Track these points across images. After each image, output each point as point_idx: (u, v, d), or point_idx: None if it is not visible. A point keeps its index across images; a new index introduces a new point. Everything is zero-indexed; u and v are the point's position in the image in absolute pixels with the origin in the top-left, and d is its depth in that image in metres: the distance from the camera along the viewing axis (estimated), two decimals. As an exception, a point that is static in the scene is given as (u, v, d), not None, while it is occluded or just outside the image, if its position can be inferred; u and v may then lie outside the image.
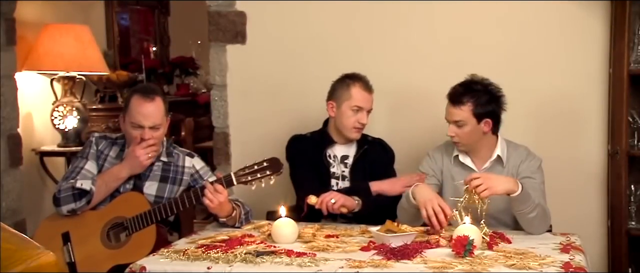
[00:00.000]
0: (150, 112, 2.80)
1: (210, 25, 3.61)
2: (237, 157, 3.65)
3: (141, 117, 2.80)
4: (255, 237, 2.63)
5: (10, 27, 4.05)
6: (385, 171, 3.06)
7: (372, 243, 2.47)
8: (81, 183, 2.78)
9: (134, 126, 2.81)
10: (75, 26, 4.67)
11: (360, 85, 3.01)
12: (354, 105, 2.99)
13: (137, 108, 2.81)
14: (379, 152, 3.10)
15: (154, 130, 2.82)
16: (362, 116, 3.00)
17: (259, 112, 3.64)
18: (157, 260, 2.39)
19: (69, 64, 4.51)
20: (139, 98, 2.83)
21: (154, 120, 2.81)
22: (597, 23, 3.28)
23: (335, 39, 3.56)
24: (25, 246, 0.81)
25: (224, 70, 3.63)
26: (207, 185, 2.68)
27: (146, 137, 2.80)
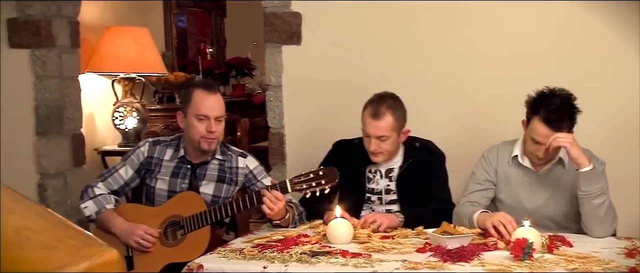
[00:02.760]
0: (216, 104, 2.87)
1: (266, 26, 3.64)
2: (292, 157, 3.67)
3: (207, 108, 2.85)
4: (311, 237, 2.64)
5: (74, 30, 4.17)
6: (435, 176, 2.96)
7: (428, 245, 2.45)
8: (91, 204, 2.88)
9: (199, 118, 2.85)
10: (135, 28, 4.78)
11: (367, 111, 2.85)
12: (363, 130, 2.88)
13: (202, 101, 2.86)
14: (426, 158, 2.97)
15: (218, 123, 2.87)
16: (369, 142, 2.85)
17: (314, 113, 3.65)
18: (214, 258, 2.42)
19: (129, 65, 4.61)
20: (203, 91, 2.89)
21: (220, 111, 2.88)
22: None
23: (390, 39, 3.54)
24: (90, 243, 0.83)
25: (279, 70, 3.65)
26: (265, 192, 2.69)
27: (212, 128, 2.84)
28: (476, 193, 2.81)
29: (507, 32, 3.41)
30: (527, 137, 2.71)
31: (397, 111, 2.84)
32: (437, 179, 2.95)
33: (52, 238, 0.88)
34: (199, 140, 2.87)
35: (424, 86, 3.46)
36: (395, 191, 2.94)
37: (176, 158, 2.95)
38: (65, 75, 4.09)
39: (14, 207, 1.07)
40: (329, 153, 3.04)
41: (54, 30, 3.99)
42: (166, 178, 2.94)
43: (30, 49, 3.96)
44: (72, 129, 4.17)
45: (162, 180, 2.94)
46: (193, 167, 2.95)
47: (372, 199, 2.96)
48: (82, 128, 4.29)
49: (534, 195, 2.77)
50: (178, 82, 5.39)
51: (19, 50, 3.96)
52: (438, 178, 2.95)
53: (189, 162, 2.95)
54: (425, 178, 2.93)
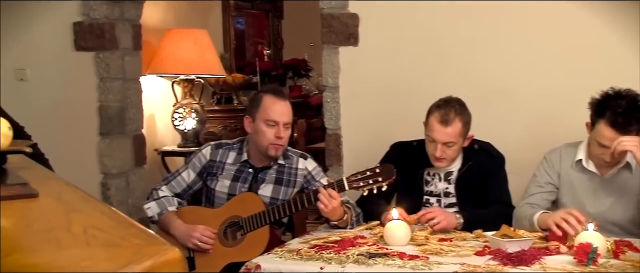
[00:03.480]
0: (285, 110, 2.90)
1: (323, 28, 3.64)
2: (349, 158, 3.67)
3: (277, 114, 2.87)
4: (367, 238, 2.63)
5: (136, 32, 4.26)
6: (494, 178, 2.91)
7: (488, 248, 2.41)
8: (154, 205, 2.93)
9: (269, 124, 2.87)
10: (195, 31, 4.86)
11: (435, 117, 2.80)
12: (429, 135, 2.84)
13: (272, 106, 2.88)
14: (486, 160, 2.92)
15: (286, 129, 2.89)
16: (434, 147, 2.81)
17: (371, 114, 3.64)
18: (272, 259, 2.43)
19: (189, 67, 4.69)
20: (273, 97, 2.91)
21: (288, 117, 2.90)
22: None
23: (448, 40, 3.51)
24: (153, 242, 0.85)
25: (336, 72, 3.65)
26: (321, 190, 2.70)
27: (281, 134, 2.86)
28: (537, 195, 2.75)
29: (568, 32, 3.33)
30: (592, 140, 2.64)
31: (465, 117, 2.81)
32: (496, 182, 2.90)
33: (116, 237, 0.90)
34: (267, 146, 2.89)
35: (483, 87, 3.41)
36: (454, 194, 2.90)
37: (239, 162, 2.98)
38: (127, 77, 4.18)
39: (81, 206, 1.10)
40: (386, 155, 3.03)
41: (117, 33, 4.09)
42: (227, 181, 2.97)
43: (94, 52, 4.06)
44: (133, 130, 4.27)
45: (223, 182, 2.97)
46: (255, 172, 2.98)
47: (430, 202, 2.93)
48: (143, 129, 4.38)
49: (599, 200, 2.70)
50: (236, 84, 5.46)
51: (84, 53, 4.07)
52: (497, 180, 2.90)
53: (252, 166, 2.98)
54: (484, 180, 2.88)
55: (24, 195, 1.12)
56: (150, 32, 4.59)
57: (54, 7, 4.06)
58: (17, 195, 1.12)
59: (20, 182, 1.21)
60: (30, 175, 1.28)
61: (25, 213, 1.07)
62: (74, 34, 4.07)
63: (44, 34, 4.12)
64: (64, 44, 4.08)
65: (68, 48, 4.08)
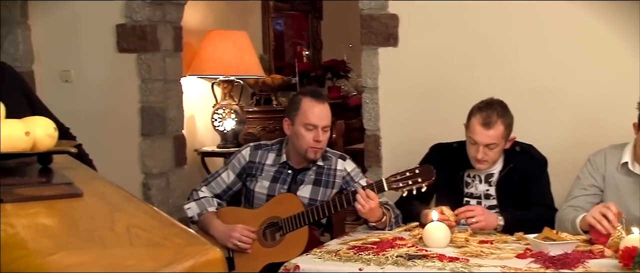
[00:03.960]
0: (324, 114, 2.90)
1: (363, 29, 3.64)
2: (387, 160, 3.65)
3: (316, 118, 2.88)
4: (407, 240, 2.62)
5: (177, 34, 4.32)
6: (536, 181, 2.86)
7: (529, 251, 2.38)
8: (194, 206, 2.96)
9: (307, 128, 2.88)
10: (235, 32, 4.90)
11: (477, 119, 2.76)
12: (471, 137, 2.80)
13: (311, 109, 2.89)
14: (528, 162, 2.87)
15: (325, 132, 2.89)
16: (476, 150, 2.77)
17: (410, 115, 3.62)
18: (310, 259, 2.44)
19: (228, 68, 4.73)
20: (311, 100, 2.91)
21: (327, 121, 2.90)
22: None
23: (489, 40, 3.47)
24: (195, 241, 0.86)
25: (375, 72, 3.64)
26: (359, 191, 2.69)
27: (320, 138, 2.87)
28: (580, 198, 2.71)
29: (613, 32, 3.27)
30: (639, 142, 2.58)
31: (507, 119, 2.77)
32: (538, 184, 2.85)
33: (158, 236, 0.91)
34: (307, 150, 2.90)
35: (524, 88, 3.36)
36: (494, 196, 2.87)
37: (278, 164, 2.99)
38: (168, 78, 4.23)
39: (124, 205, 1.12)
40: (426, 157, 3.01)
41: (158, 35, 4.14)
42: (266, 182, 2.98)
43: (136, 53, 4.12)
44: (174, 130, 4.32)
45: (262, 183, 2.98)
46: (294, 173, 2.99)
47: (470, 204, 2.90)
48: (184, 129, 4.43)
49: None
50: (275, 85, 5.48)
51: (126, 55, 4.14)
52: (540, 183, 2.86)
53: (291, 168, 2.99)
54: (526, 183, 2.84)
55: (69, 194, 1.14)
56: (191, 34, 4.64)
57: (97, 10, 4.13)
58: (63, 194, 1.14)
59: (65, 182, 1.23)
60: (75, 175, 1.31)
61: (70, 212, 1.09)
62: (117, 36, 4.13)
63: (88, 36, 4.20)
64: (107, 46, 4.15)
65: (111, 50, 4.15)
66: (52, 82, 4.19)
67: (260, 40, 5.91)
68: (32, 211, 1.06)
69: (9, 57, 3.93)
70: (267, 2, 6.22)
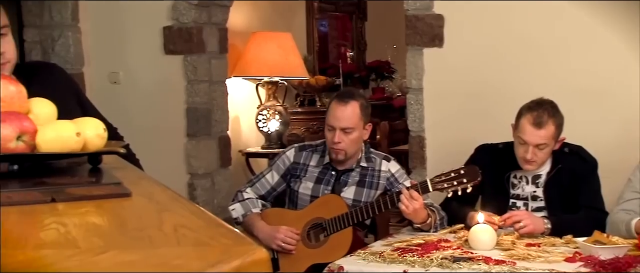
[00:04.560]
0: (342, 115, 2.88)
1: (407, 29, 3.62)
2: (432, 161, 3.63)
3: (334, 119, 2.89)
4: (451, 242, 2.59)
5: (223, 36, 4.36)
6: (586, 183, 2.80)
7: (578, 255, 2.33)
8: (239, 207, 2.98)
9: (328, 128, 2.91)
10: (279, 34, 4.93)
11: (527, 119, 2.70)
12: (519, 137, 2.75)
13: (331, 111, 2.91)
14: (577, 164, 2.81)
15: (345, 133, 2.88)
16: (525, 150, 2.72)
17: (455, 116, 3.59)
18: (355, 260, 2.43)
19: (273, 69, 4.76)
20: (335, 101, 2.94)
21: (345, 123, 2.88)
22: None
23: (536, 40, 3.42)
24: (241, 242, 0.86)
25: (420, 73, 3.62)
26: (403, 191, 2.68)
27: (336, 139, 2.87)
28: (632, 201, 2.64)
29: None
30: None
31: (558, 119, 2.73)
32: (588, 186, 2.79)
33: (205, 236, 0.92)
34: (329, 150, 2.93)
35: (572, 88, 3.30)
36: (542, 198, 2.82)
37: (322, 165, 3.00)
38: (214, 80, 4.28)
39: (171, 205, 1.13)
40: (471, 158, 2.98)
41: (204, 37, 4.19)
42: (310, 183, 2.99)
43: (182, 55, 4.18)
44: (219, 131, 4.36)
45: (307, 184, 2.99)
46: (337, 174, 2.99)
47: (517, 205, 2.86)
48: (229, 130, 4.47)
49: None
50: (319, 86, 5.49)
51: (173, 56, 4.19)
52: (590, 185, 2.80)
53: (334, 169, 2.99)
54: (575, 185, 2.79)
55: (118, 194, 1.16)
56: (236, 36, 4.68)
57: (145, 12, 4.20)
58: (112, 194, 1.16)
59: (114, 182, 1.25)
60: (123, 175, 1.33)
61: (119, 212, 1.11)
62: (164, 38, 4.19)
63: (135, 39, 4.27)
64: (154, 48, 4.21)
65: (158, 52, 4.21)
66: (101, 84, 4.27)
67: (304, 42, 5.93)
68: (82, 210, 1.08)
69: (60, 59, 4.03)
70: (312, 4, 6.23)
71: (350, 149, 2.92)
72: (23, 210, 1.06)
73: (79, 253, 0.83)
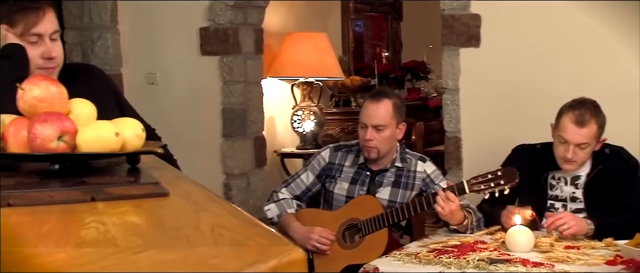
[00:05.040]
0: (374, 113, 2.89)
1: (444, 29, 3.59)
2: (468, 162, 3.59)
3: (366, 116, 2.89)
4: (488, 243, 2.56)
5: (258, 37, 4.38)
6: (627, 184, 2.74)
7: (619, 258, 2.29)
8: (274, 207, 2.99)
9: (361, 126, 2.91)
10: (314, 34, 4.93)
11: (569, 117, 2.65)
12: (560, 136, 2.70)
13: (364, 108, 2.92)
14: (618, 165, 2.76)
15: (377, 131, 2.88)
16: (565, 149, 2.67)
17: (492, 116, 3.56)
18: (390, 262, 2.42)
19: (308, 70, 4.76)
20: (369, 99, 2.96)
21: (377, 120, 2.88)
22: None
23: (575, 39, 3.36)
24: (278, 242, 0.86)
25: (456, 74, 3.59)
26: (439, 193, 2.66)
27: (367, 136, 2.87)
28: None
29: None
30: None
31: (600, 119, 2.68)
32: (630, 188, 2.74)
33: (242, 236, 0.92)
34: (362, 148, 2.92)
35: (613, 88, 3.24)
36: (581, 199, 2.77)
37: (356, 165, 3.00)
38: (249, 80, 4.30)
39: (208, 205, 1.14)
40: (508, 159, 2.94)
41: (240, 38, 4.22)
42: (346, 183, 2.99)
43: (218, 56, 4.21)
44: (254, 132, 4.38)
45: (341, 185, 2.99)
46: (372, 174, 2.98)
47: (555, 206, 2.82)
48: (264, 131, 4.49)
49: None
50: (354, 86, 5.49)
51: (209, 57, 4.23)
52: (632, 187, 2.74)
53: (369, 169, 2.99)
54: (616, 186, 2.73)
55: (156, 194, 1.17)
56: (271, 36, 4.70)
57: (182, 14, 4.24)
58: (150, 193, 1.18)
59: (152, 181, 1.27)
60: (161, 175, 1.34)
61: (157, 211, 1.12)
62: (200, 39, 4.23)
63: (172, 40, 4.31)
64: (191, 49, 4.25)
65: (194, 52, 4.25)
66: (139, 85, 4.33)
67: (339, 42, 5.93)
68: (121, 209, 1.10)
69: (99, 61, 4.09)
70: (347, 4, 6.23)
71: (382, 147, 2.91)
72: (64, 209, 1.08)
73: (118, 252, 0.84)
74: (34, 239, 0.92)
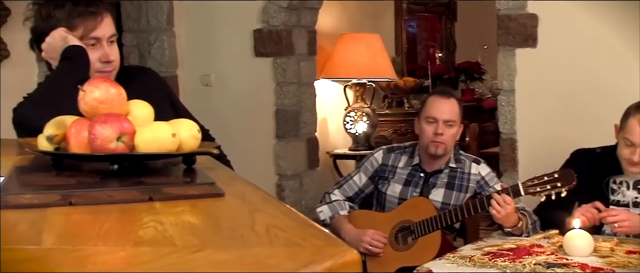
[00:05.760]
0: (446, 108, 2.89)
1: (499, 29, 3.54)
2: (524, 164, 3.54)
3: (435, 110, 2.88)
4: (545, 247, 2.51)
5: (311, 38, 4.40)
6: None
7: (682, 264, 2.22)
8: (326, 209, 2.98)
9: (428, 121, 2.88)
10: (367, 35, 4.93)
11: (637, 119, 2.57)
12: (627, 138, 2.61)
13: (432, 104, 2.91)
14: None
15: (447, 126, 2.86)
16: (632, 152, 2.59)
17: (549, 118, 3.49)
18: (443, 264, 2.40)
19: (361, 71, 4.76)
20: (436, 96, 2.95)
21: (448, 115, 2.88)
22: None
23: (635, 41, 3.27)
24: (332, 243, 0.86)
25: (512, 74, 3.54)
26: (494, 195, 2.62)
27: (439, 130, 2.84)
28: None
29: None
30: None
31: None
32: None
33: (297, 237, 0.93)
34: (428, 144, 2.89)
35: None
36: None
37: (410, 166, 2.98)
38: (302, 82, 4.32)
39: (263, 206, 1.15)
40: (567, 163, 2.87)
41: (293, 39, 4.24)
42: (398, 185, 2.98)
43: (272, 57, 4.24)
44: (307, 133, 4.40)
45: (394, 186, 2.98)
46: (426, 176, 2.96)
47: None
48: (317, 132, 4.50)
49: None
50: (407, 87, 5.46)
51: (263, 59, 4.27)
52: None
53: (423, 170, 2.97)
54: None
55: (211, 194, 1.18)
56: (324, 37, 4.71)
57: (236, 16, 4.29)
58: (206, 194, 1.19)
59: (208, 182, 1.28)
60: (216, 176, 1.36)
61: (212, 211, 1.13)
62: (254, 41, 4.27)
63: (227, 42, 4.37)
64: (245, 51, 4.30)
65: (248, 54, 4.29)
66: (194, 86, 4.39)
67: (392, 43, 5.90)
68: (178, 209, 1.11)
69: (155, 63, 4.17)
70: (400, 5, 6.20)
71: (449, 144, 2.90)
72: (123, 208, 1.10)
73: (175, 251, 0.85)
74: (95, 238, 0.93)
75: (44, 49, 1.97)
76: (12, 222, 0.99)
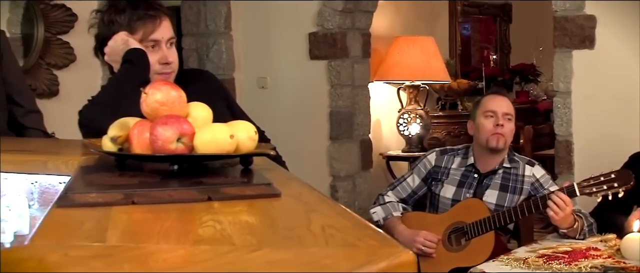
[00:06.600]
0: (504, 103, 2.92)
1: (556, 31, 3.50)
2: (580, 167, 3.48)
3: (494, 104, 2.90)
4: (601, 250, 2.47)
5: (366, 41, 4.42)
6: None
7: None
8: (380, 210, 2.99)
9: (487, 115, 2.88)
10: (421, 38, 4.91)
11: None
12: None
13: (490, 100, 2.93)
14: None
15: (507, 120, 2.86)
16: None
17: (606, 120, 3.43)
18: (497, 266, 2.38)
19: (415, 73, 4.75)
20: (491, 95, 3.02)
21: (507, 109, 2.89)
22: None
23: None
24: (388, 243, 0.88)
25: (568, 76, 3.49)
26: (552, 196, 2.59)
27: (500, 121, 2.84)
28: None
29: None
30: None
31: None
32: None
33: (353, 237, 0.94)
34: (488, 138, 2.86)
35: None
36: None
37: (464, 167, 2.97)
38: (356, 84, 4.34)
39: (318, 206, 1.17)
40: (625, 166, 2.82)
41: (348, 42, 4.27)
42: (452, 187, 2.96)
43: (327, 60, 4.27)
44: (361, 135, 4.41)
45: (448, 188, 2.97)
46: (480, 177, 2.94)
47: None
48: (370, 133, 4.51)
49: None
50: (461, 89, 5.42)
51: (317, 61, 4.30)
52: None
53: (477, 171, 2.95)
54: None
55: (268, 194, 1.21)
56: (378, 40, 4.72)
57: (291, 19, 4.34)
58: (263, 194, 1.21)
59: (265, 182, 1.31)
60: (273, 176, 1.38)
61: (269, 211, 1.16)
62: (309, 44, 4.30)
63: (282, 45, 4.42)
64: (300, 53, 4.34)
65: (303, 57, 4.33)
66: (250, 89, 4.45)
67: (446, 45, 5.87)
68: (236, 209, 1.13)
69: (213, 66, 4.25)
70: (455, 7, 6.16)
71: (509, 138, 2.90)
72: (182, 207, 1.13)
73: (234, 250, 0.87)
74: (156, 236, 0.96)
75: (106, 53, 2.03)
76: (79, 220, 1.02)
